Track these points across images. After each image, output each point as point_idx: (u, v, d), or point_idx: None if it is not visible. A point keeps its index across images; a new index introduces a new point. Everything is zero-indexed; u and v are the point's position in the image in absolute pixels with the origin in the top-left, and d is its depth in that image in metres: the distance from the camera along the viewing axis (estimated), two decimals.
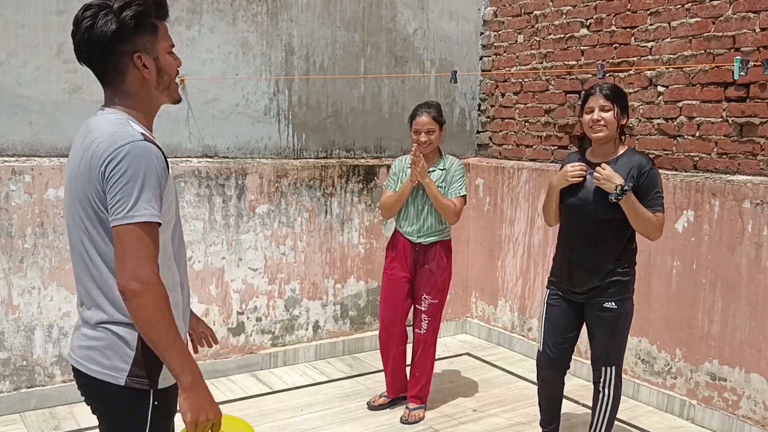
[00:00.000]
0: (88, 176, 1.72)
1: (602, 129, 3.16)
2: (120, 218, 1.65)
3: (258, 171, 4.60)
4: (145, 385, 1.78)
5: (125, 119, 1.76)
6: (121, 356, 1.77)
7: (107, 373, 1.77)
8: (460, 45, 5.57)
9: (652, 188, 3.13)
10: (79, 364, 1.81)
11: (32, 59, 3.92)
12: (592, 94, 3.21)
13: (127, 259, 1.65)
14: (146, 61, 1.78)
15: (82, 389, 1.86)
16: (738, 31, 3.90)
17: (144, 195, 1.65)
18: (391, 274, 4.03)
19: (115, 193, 1.66)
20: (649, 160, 3.18)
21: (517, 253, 5.23)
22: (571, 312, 3.38)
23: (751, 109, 3.86)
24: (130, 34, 1.74)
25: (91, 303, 1.80)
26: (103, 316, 1.77)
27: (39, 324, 3.96)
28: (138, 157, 1.67)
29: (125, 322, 1.75)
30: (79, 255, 1.80)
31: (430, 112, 3.88)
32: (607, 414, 3.32)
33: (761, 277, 3.72)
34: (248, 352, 4.69)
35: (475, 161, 5.63)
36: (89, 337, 1.80)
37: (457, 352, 5.28)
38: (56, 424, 3.81)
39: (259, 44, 4.64)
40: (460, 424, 4.00)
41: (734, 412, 3.87)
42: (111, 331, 1.77)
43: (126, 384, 1.77)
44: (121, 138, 1.68)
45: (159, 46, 1.81)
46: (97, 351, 1.78)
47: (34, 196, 3.88)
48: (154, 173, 1.68)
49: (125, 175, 1.65)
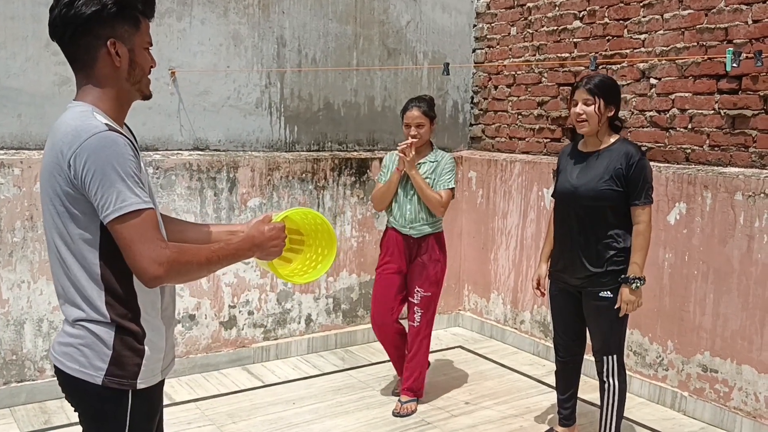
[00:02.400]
0: (56, 173, 1.68)
1: (584, 124, 3.20)
2: (110, 213, 1.62)
3: (250, 164, 4.58)
4: (123, 385, 1.75)
5: (89, 111, 1.70)
6: (98, 355, 1.73)
7: (84, 371, 1.74)
8: (453, 37, 5.56)
9: (640, 178, 3.15)
10: (58, 362, 1.79)
11: (21, 51, 3.88)
12: (578, 87, 3.24)
13: (133, 252, 1.62)
14: (120, 50, 1.73)
15: (62, 387, 1.84)
16: (730, 23, 3.90)
17: (124, 183, 1.62)
18: (383, 270, 4.03)
19: (95, 191, 1.62)
20: (638, 150, 3.19)
21: (510, 246, 5.22)
22: (572, 303, 3.42)
23: (743, 102, 3.86)
24: (109, 18, 1.70)
25: (67, 300, 1.77)
26: (81, 314, 1.74)
27: (29, 318, 3.93)
28: (105, 148, 1.62)
29: (101, 320, 1.73)
30: (54, 252, 1.77)
31: (421, 107, 3.87)
32: (615, 406, 3.32)
33: (753, 269, 3.73)
34: (240, 345, 4.68)
35: (467, 154, 5.63)
36: (68, 335, 1.77)
37: (449, 345, 5.28)
38: (46, 419, 3.79)
39: (251, 36, 4.60)
40: (453, 416, 4.00)
41: (725, 403, 3.89)
42: (88, 330, 1.74)
43: (103, 383, 1.73)
44: (85, 132, 1.64)
45: (137, 39, 1.77)
46: (75, 349, 1.75)
47: (23, 189, 3.85)
48: (124, 161, 1.63)
49: (98, 171, 1.61)
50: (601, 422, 3.37)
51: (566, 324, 3.49)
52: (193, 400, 4.08)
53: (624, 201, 3.19)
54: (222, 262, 1.78)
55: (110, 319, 1.73)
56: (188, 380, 4.37)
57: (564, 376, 3.60)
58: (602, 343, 3.32)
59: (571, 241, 3.31)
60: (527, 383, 4.55)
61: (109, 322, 1.73)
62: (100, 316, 1.72)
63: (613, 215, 3.20)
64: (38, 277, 3.93)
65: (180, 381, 4.34)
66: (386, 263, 4.02)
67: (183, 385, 4.30)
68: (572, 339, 3.51)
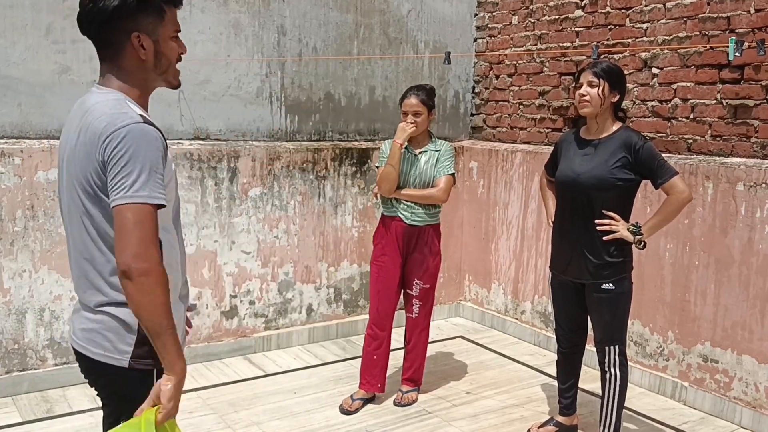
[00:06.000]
0: (86, 157, 1.70)
1: (586, 104, 3.19)
2: (120, 198, 1.63)
3: (250, 154, 4.57)
4: (149, 365, 1.79)
5: (123, 100, 1.74)
6: (123, 338, 1.77)
7: (110, 355, 1.77)
8: (454, 26, 5.53)
9: (653, 160, 3.13)
10: (82, 348, 1.81)
11: (21, 40, 3.87)
12: (584, 70, 3.24)
13: (129, 239, 1.62)
14: (144, 42, 1.76)
15: (86, 372, 1.87)
16: (733, 13, 3.88)
17: (144, 176, 1.64)
18: (383, 263, 3.90)
19: (115, 174, 1.64)
20: (640, 137, 3.18)
21: (511, 236, 5.22)
22: (573, 295, 3.41)
23: (746, 91, 3.85)
24: (132, 12, 1.72)
25: (88, 285, 1.79)
26: (103, 299, 1.77)
27: (30, 307, 3.94)
28: (137, 139, 1.65)
29: (123, 302, 1.74)
30: (79, 236, 1.78)
31: (419, 95, 3.82)
32: (616, 396, 3.32)
33: (754, 260, 3.73)
34: (241, 335, 4.69)
35: (468, 144, 5.61)
36: (91, 320, 1.80)
37: (450, 335, 5.29)
38: (48, 408, 3.81)
39: (251, 25, 4.59)
40: (454, 406, 4.01)
41: (726, 393, 3.89)
42: (111, 314, 1.77)
43: (130, 365, 1.77)
44: (120, 120, 1.66)
45: (162, 30, 1.78)
46: (99, 334, 1.78)
47: (24, 178, 3.84)
48: (153, 155, 1.66)
49: (125, 156, 1.63)
50: (602, 412, 3.37)
51: (568, 316, 3.49)
52: (194, 389, 4.09)
53: (626, 190, 3.19)
54: (165, 333, 1.65)
55: None
56: (190, 369, 4.30)
57: (565, 366, 3.60)
58: (604, 333, 3.31)
59: (572, 231, 3.29)
60: (528, 373, 4.56)
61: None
62: (123, 297, 1.72)
63: (613, 205, 3.19)
64: (40, 266, 3.93)
65: None
66: (383, 255, 3.91)
67: None
68: (574, 330, 3.51)
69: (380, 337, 3.94)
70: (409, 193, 3.82)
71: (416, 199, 3.81)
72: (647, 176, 3.17)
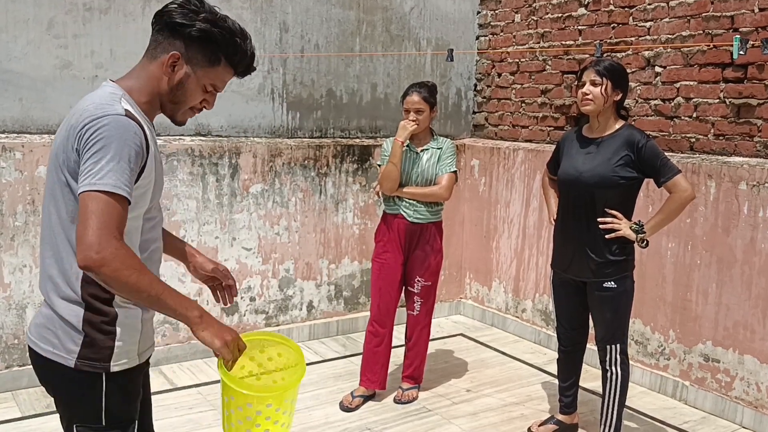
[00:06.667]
0: (65, 142, 1.67)
1: (589, 103, 3.18)
2: (86, 184, 1.58)
3: (252, 150, 4.56)
4: (96, 368, 1.71)
5: (119, 95, 1.71)
6: (70, 337, 1.69)
7: (57, 353, 1.70)
8: (457, 24, 5.52)
9: (656, 158, 3.12)
10: (33, 343, 1.75)
11: (23, 34, 3.86)
12: (587, 68, 3.22)
13: (86, 228, 1.55)
14: (178, 66, 1.77)
15: (36, 369, 1.79)
16: (737, 11, 3.87)
17: (113, 165, 1.58)
18: (384, 260, 3.89)
19: (86, 161, 1.60)
20: (643, 135, 3.17)
21: (512, 235, 5.21)
22: (574, 293, 3.40)
23: (749, 90, 3.84)
24: (189, 37, 1.75)
25: (45, 278, 1.74)
26: (55, 293, 1.71)
27: (30, 302, 3.93)
28: (114, 129, 1.61)
29: (72, 298, 1.69)
30: (48, 225, 1.74)
31: (421, 92, 3.80)
32: (617, 395, 3.31)
33: (756, 259, 3.72)
34: (242, 331, 4.65)
35: (470, 142, 5.60)
36: (43, 315, 1.74)
37: (451, 332, 5.29)
38: (48, 403, 3.80)
39: (254, 21, 4.57)
40: (454, 404, 4.01)
41: (727, 393, 3.89)
42: (59, 310, 1.70)
43: (76, 366, 1.69)
44: (102, 110, 1.64)
45: (203, 72, 1.79)
46: (48, 330, 1.71)
47: (25, 173, 3.84)
48: (128, 148, 1.61)
49: (98, 144, 1.59)
50: (602, 411, 3.37)
51: (569, 314, 3.48)
52: (194, 385, 4.08)
53: (628, 188, 3.18)
54: (161, 301, 1.63)
55: (81, 298, 1.69)
56: (190, 366, 4.38)
57: (566, 364, 3.60)
58: (605, 332, 3.30)
59: (574, 229, 3.28)
60: (528, 371, 4.55)
61: (80, 300, 1.69)
62: (73, 293, 1.69)
63: (616, 203, 3.18)
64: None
65: (182, 366, 4.35)
66: (385, 253, 3.90)
67: (185, 370, 4.31)
68: (575, 329, 3.50)
69: (381, 334, 3.93)
70: (411, 191, 3.81)
71: (418, 197, 3.81)
72: (650, 175, 3.16)
